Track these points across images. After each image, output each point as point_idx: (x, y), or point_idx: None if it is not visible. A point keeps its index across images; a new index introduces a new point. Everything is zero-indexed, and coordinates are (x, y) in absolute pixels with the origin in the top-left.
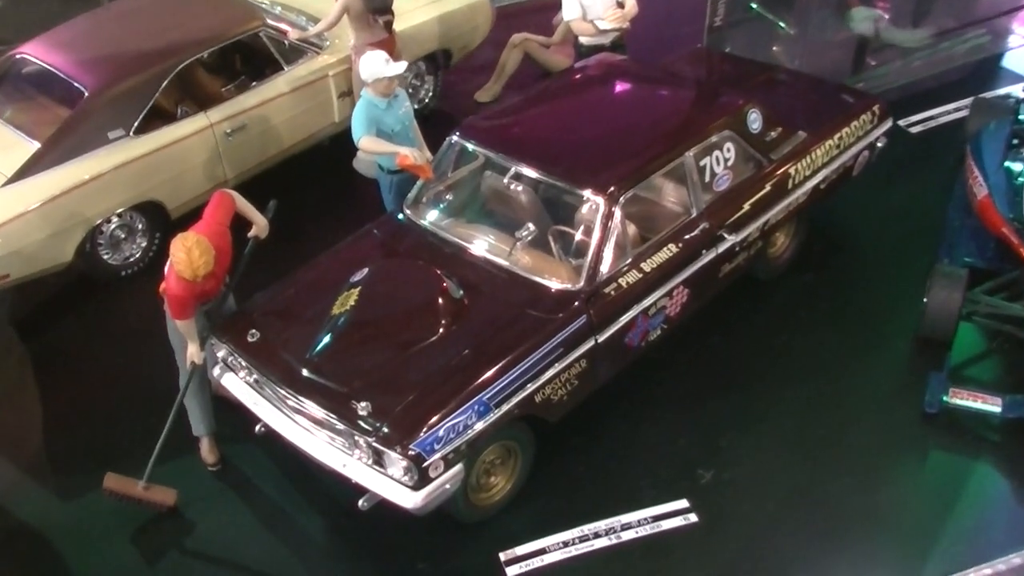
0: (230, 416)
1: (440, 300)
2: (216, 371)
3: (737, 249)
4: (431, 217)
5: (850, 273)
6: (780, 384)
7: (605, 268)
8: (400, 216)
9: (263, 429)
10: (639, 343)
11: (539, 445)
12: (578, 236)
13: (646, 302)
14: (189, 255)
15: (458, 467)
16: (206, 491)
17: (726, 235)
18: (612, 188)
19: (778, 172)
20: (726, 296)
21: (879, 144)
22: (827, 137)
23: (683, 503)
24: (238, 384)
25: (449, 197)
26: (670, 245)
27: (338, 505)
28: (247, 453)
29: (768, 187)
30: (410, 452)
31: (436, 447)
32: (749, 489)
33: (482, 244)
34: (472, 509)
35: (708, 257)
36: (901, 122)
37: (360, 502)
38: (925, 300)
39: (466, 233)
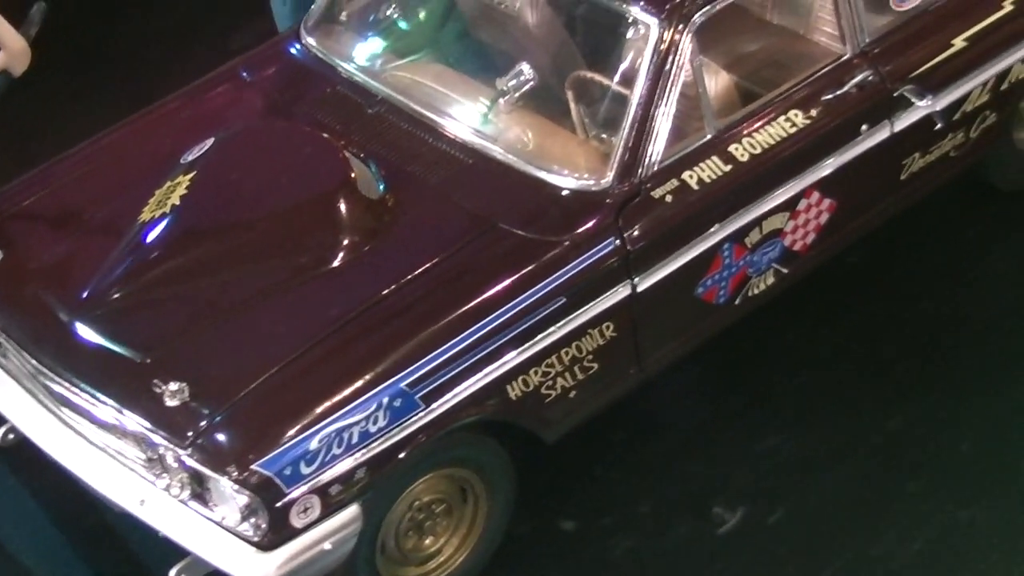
0: None
1: (340, 200)
2: None
3: (940, 125)
4: (351, 49)
5: None
6: None
7: (657, 151)
8: (295, 46)
9: (11, 436)
10: (727, 298)
11: (524, 477)
12: (613, 90)
13: (741, 220)
14: None
15: (351, 511)
16: None
17: (913, 97)
18: None
19: None
20: (920, 221)
21: None
22: None
23: None
24: None
25: (389, 13)
26: (795, 113)
27: None
28: None
29: (1009, 5)
30: (253, 477)
31: (304, 470)
32: None
33: (437, 100)
34: None
35: (875, 138)
36: None
37: (172, 573)
38: None
39: (410, 81)
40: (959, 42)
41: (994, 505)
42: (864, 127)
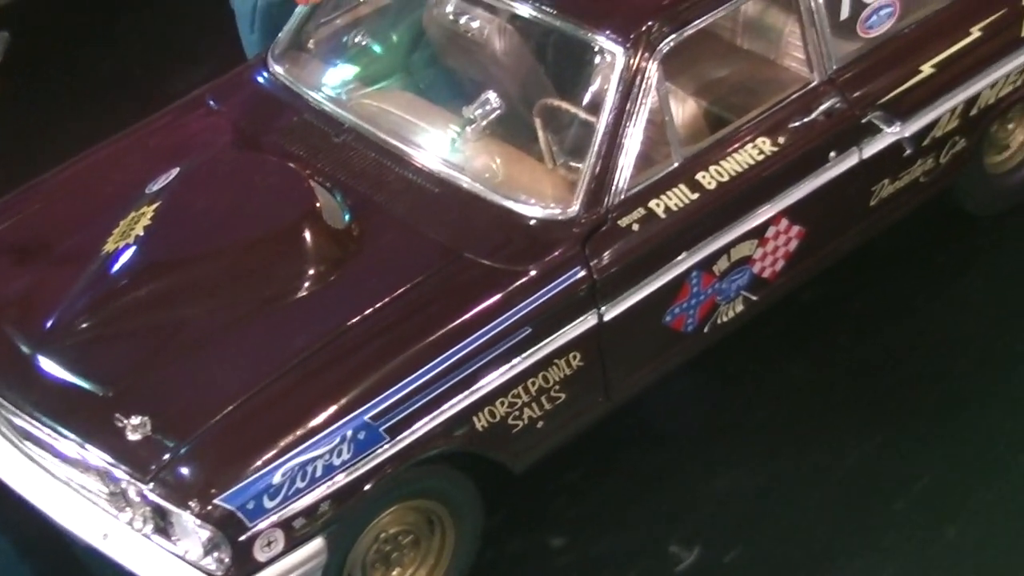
0: None
1: (305, 230)
2: None
3: (910, 151)
4: (318, 77)
5: None
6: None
7: (624, 179)
8: (263, 74)
9: None
10: (695, 326)
11: (490, 509)
12: (581, 118)
13: (709, 248)
14: None
15: (316, 544)
16: None
17: (882, 123)
18: (643, 27)
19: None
20: (891, 247)
21: None
22: None
23: None
24: None
25: (358, 40)
26: (762, 140)
27: None
28: None
29: (976, 32)
30: (216, 512)
31: (268, 504)
32: None
33: (404, 129)
34: None
35: (844, 165)
36: None
37: None
38: None
39: (377, 109)
40: (927, 68)
41: (970, 530)
42: (833, 154)
